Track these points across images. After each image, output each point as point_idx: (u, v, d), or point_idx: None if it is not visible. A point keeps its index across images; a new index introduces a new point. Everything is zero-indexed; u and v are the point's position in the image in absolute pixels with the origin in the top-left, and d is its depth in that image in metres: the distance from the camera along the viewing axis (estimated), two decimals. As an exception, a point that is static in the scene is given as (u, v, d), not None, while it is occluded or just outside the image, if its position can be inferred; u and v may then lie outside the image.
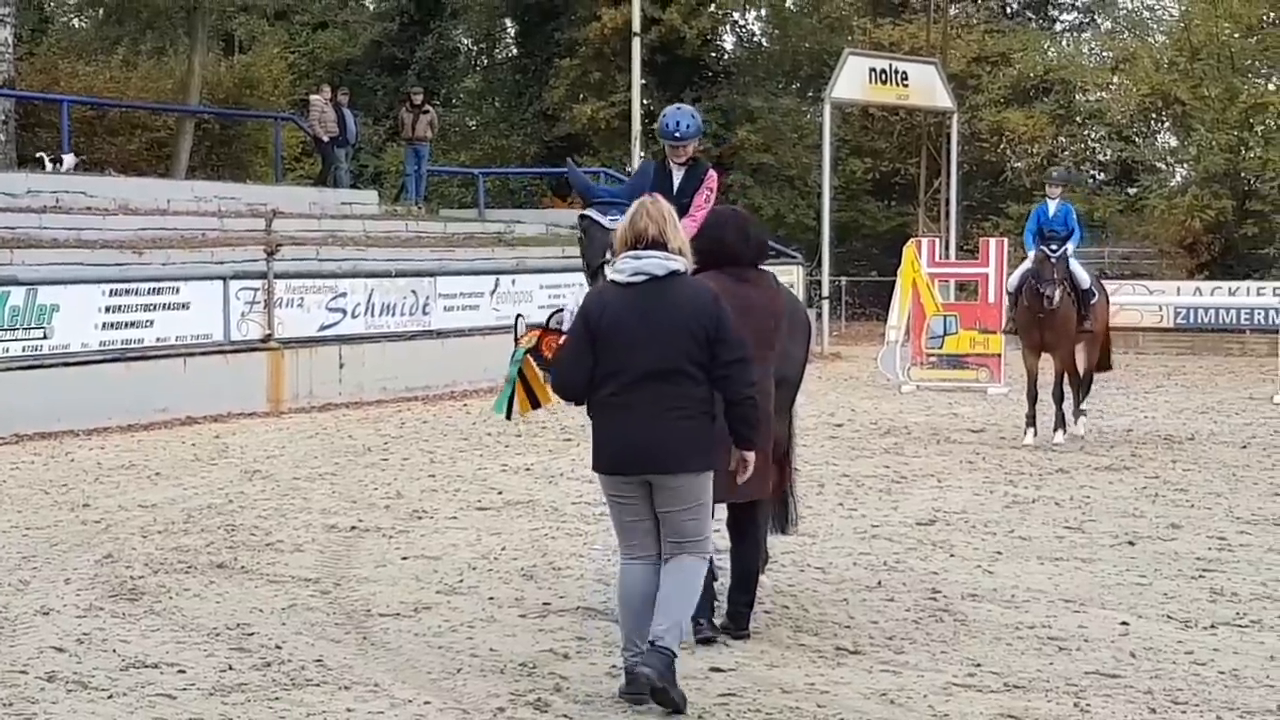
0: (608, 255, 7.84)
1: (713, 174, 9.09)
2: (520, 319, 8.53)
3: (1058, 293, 15.70)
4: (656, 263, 6.70)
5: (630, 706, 6.74)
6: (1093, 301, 16.33)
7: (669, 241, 6.74)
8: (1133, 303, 30.19)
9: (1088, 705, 6.81)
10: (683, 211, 8.86)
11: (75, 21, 44.37)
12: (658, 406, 6.61)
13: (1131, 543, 10.61)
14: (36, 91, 30.71)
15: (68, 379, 17.20)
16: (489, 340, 22.80)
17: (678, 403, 6.63)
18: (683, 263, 6.80)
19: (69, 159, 26.28)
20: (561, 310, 7.82)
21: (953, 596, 8.97)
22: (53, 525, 11.34)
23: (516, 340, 8.02)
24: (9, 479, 13.64)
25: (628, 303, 6.68)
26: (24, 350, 16.97)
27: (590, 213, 8.16)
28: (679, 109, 9.17)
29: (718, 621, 7.97)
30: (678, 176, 9.03)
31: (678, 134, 8.95)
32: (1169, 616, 8.50)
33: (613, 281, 6.81)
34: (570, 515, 11.79)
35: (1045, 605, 8.70)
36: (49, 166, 26.54)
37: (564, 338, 7.13)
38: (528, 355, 7.83)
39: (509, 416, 8.13)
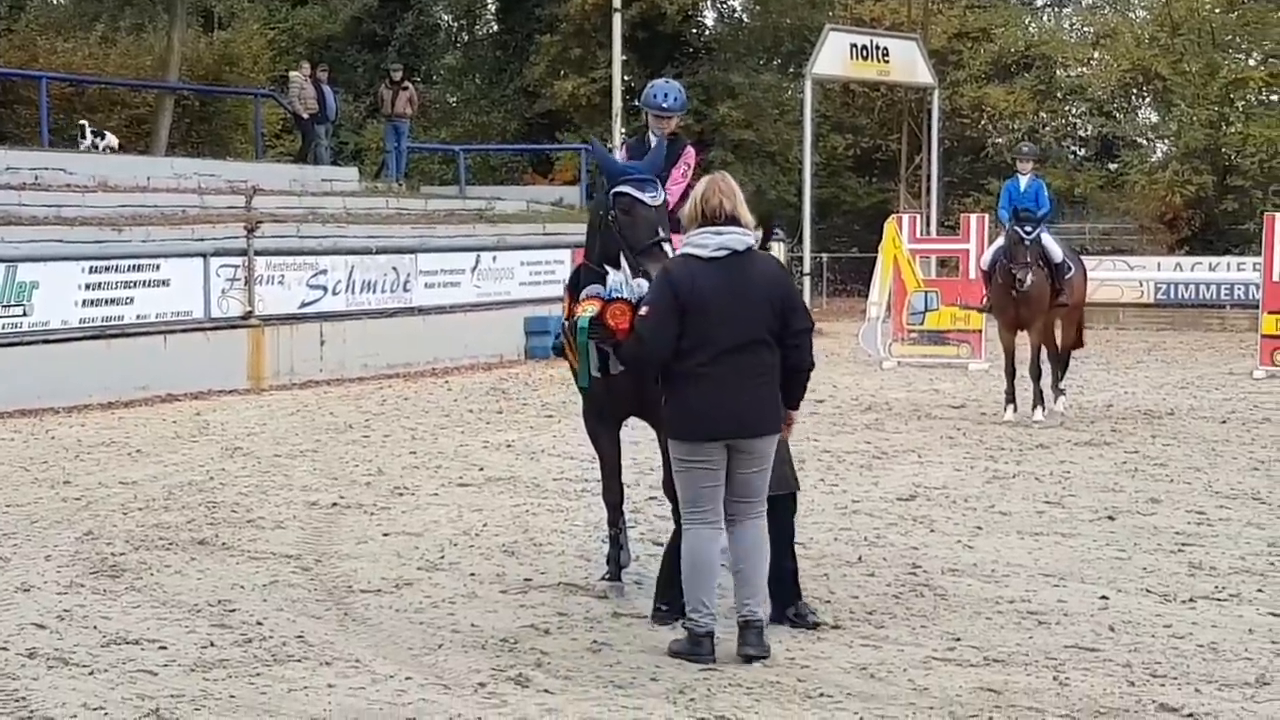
0: (660, 232, 7.79)
1: (691, 150, 9.07)
2: (570, 290, 8.39)
3: (1030, 276, 15.71)
4: (737, 238, 7.04)
5: (613, 683, 6.77)
6: (1068, 275, 16.34)
7: (741, 216, 7.09)
8: (1113, 278, 30.25)
9: (1067, 679, 6.84)
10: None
11: (53, -2, 44.11)
12: (744, 374, 6.97)
13: (1111, 517, 10.64)
14: (14, 68, 30.54)
15: (48, 356, 17.16)
16: (470, 317, 22.86)
17: (759, 370, 7.03)
18: (756, 236, 7.19)
19: (111, 138, 26.36)
20: (606, 284, 7.82)
21: (933, 571, 9.00)
22: (33, 502, 11.32)
23: (570, 309, 7.86)
24: (-11, 457, 13.62)
25: (714, 277, 6.97)
26: (3, 327, 16.93)
27: (629, 190, 7.86)
28: (666, 82, 9.17)
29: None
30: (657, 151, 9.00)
31: (665, 105, 8.93)
32: (1148, 590, 8.54)
33: (694, 256, 7.04)
34: (552, 491, 11.79)
35: (1025, 580, 8.74)
36: (88, 140, 26.55)
37: (643, 308, 7.14)
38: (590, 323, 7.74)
39: (586, 385, 8.03)
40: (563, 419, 16.11)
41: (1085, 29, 42.41)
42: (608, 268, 7.98)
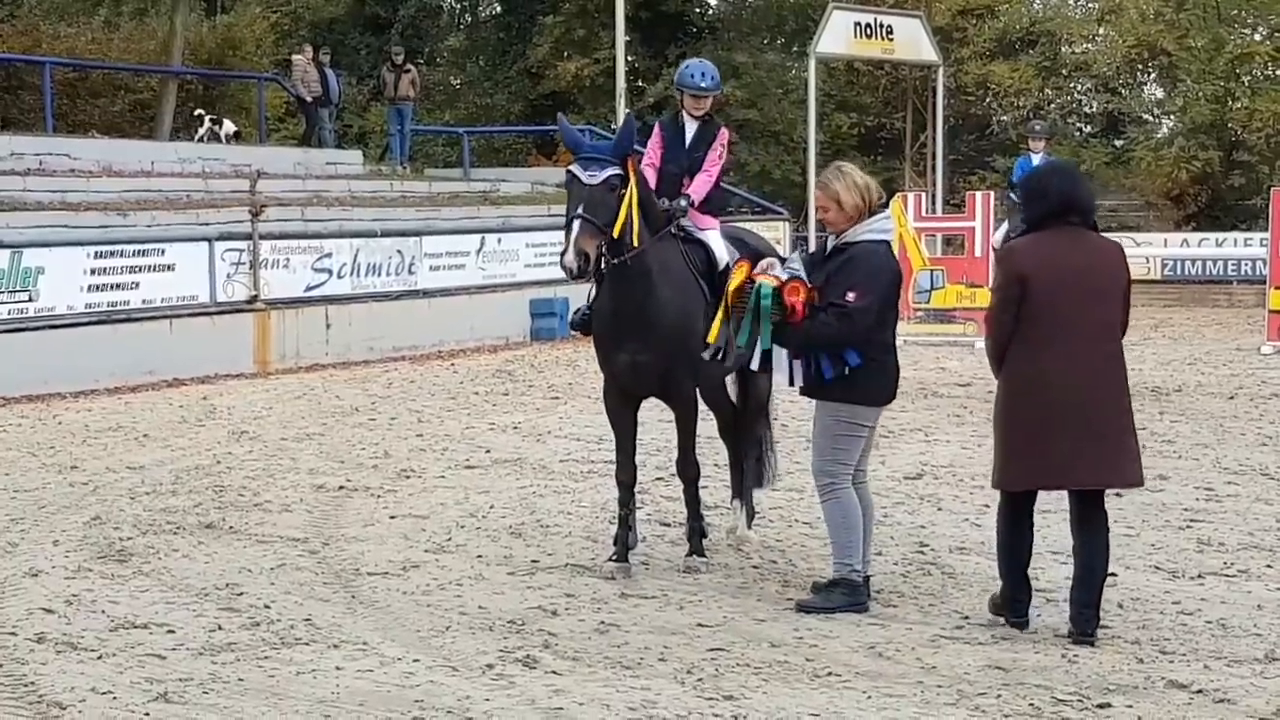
0: (579, 209, 7.90)
1: (724, 132, 9.11)
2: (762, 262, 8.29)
3: None
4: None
5: (620, 663, 6.76)
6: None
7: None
8: (1120, 255, 30.13)
9: (1075, 656, 6.84)
10: (694, 166, 8.87)
11: (56, -17, 44.04)
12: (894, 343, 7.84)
13: (1118, 494, 10.60)
14: (18, 54, 30.50)
15: (54, 341, 17.15)
16: (475, 300, 22.84)
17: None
18: None
19: (229, 125, 26.47)
20: (788, 261, 7.94)
21: (940, 550, 9.00)
22: (41, 487, 11.33)
23: (746, 276, 7.77)
24: (-4, 442, 13.63)
25: (893, 259, 7.81)
26: (9, 313, 16.92)
27: (573, 168, 8.15)
28: (701, 62, 9.24)
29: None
30: (690, 130, 9.02)
31: (702, 84, 8.99)
32: (1156, 567, 8.54)
33: (883, 241, 7.70)
34: (558, 473, 11.79)
35: (1033, 558, 8.70)
36: (205, 126, 26.65)
37: (852, 293, 7.41)
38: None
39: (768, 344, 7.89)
40: (569, 401, 16.10)
41: (1090, 5, 42.20)
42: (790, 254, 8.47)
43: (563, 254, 8.03)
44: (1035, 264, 7.01)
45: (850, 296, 7.43)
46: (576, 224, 7.95)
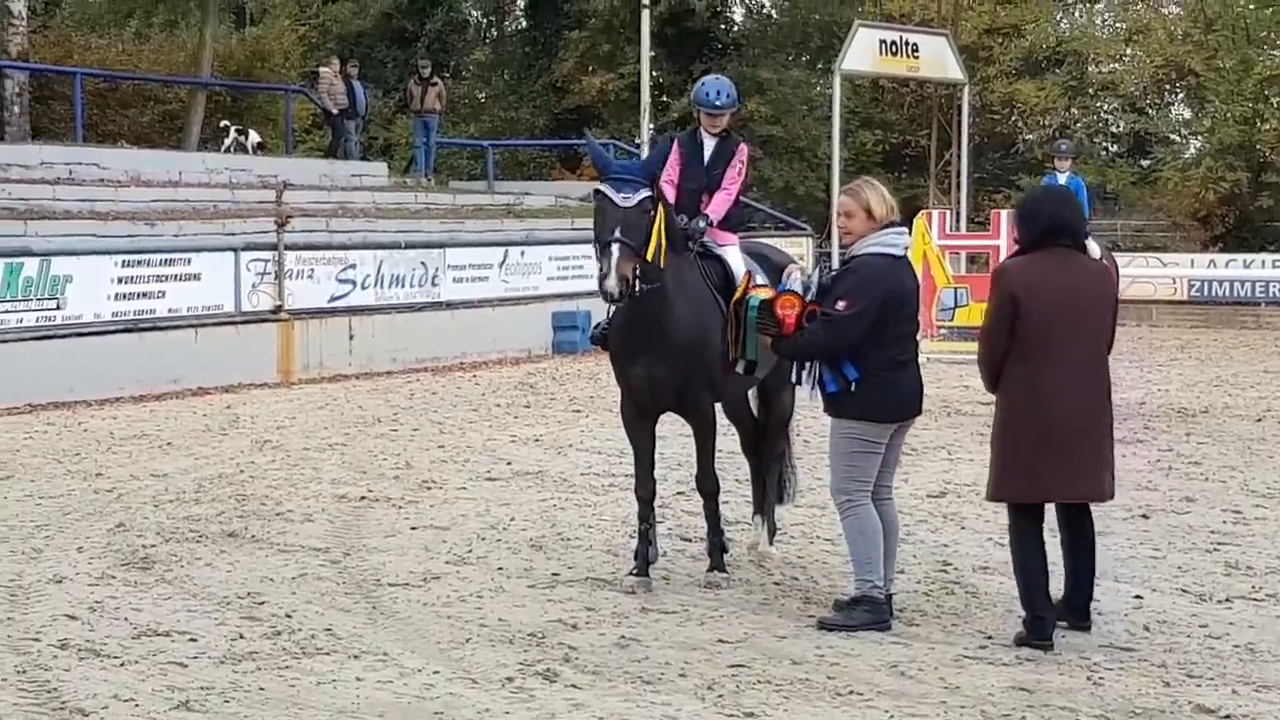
0: (615, 233, 7.83)
1: (744, 148, 9.08)
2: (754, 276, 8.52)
3: None
4: (909, 239, 7.93)
5: (640, 678, 6.74)
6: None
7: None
8: (1146, 275, 30.09)
9: (1101, 679, 6.79)
10: (713, 184, 8.85)
11: (87, -6, 44.27)
12: (916, 361, 7.79)
13: (1145, 516, 10.57)
14: (50, 64, 30.65)
15: (81, 349, 17.21)
16: (498, 312, 22.86)
17: (916, 354, 7.87)
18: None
19: (254, 136, 26.61)
20: (795, 275, 8.02)
21: (964, 569, 8.96)
22: (65, 494, 11.35)
23: (745, 289, 8.02)
24: (23, 448, 13.66)
25: (907, 273, 7.79)
26: (37, 321, 16.99)
27: (604, 188, 8.04)
28: (717, 79, 9.22)
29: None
30: (709, 148, 9.00)
31: (717, 103, 8.96)
32: (1183, 590, 8.48)
33: (889, 255, 7.62)
34: (579, 486, 11.77)
35: (1058, 578, 8.63)
36: (231, 138, 26.81)
37: (842, 302, 7.49)
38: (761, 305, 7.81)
39: (755, 359, 8.15)
40: (590, 414, 16.09)
41: (1118, 24, 42.18)
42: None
43: (604, 278, 7.85)
44: (1027, 284, 7.26)
45: (840, 305, 7.51)
46: (616, 248, 7.84)
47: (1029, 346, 7.22)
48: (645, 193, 8.01)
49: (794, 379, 7.97)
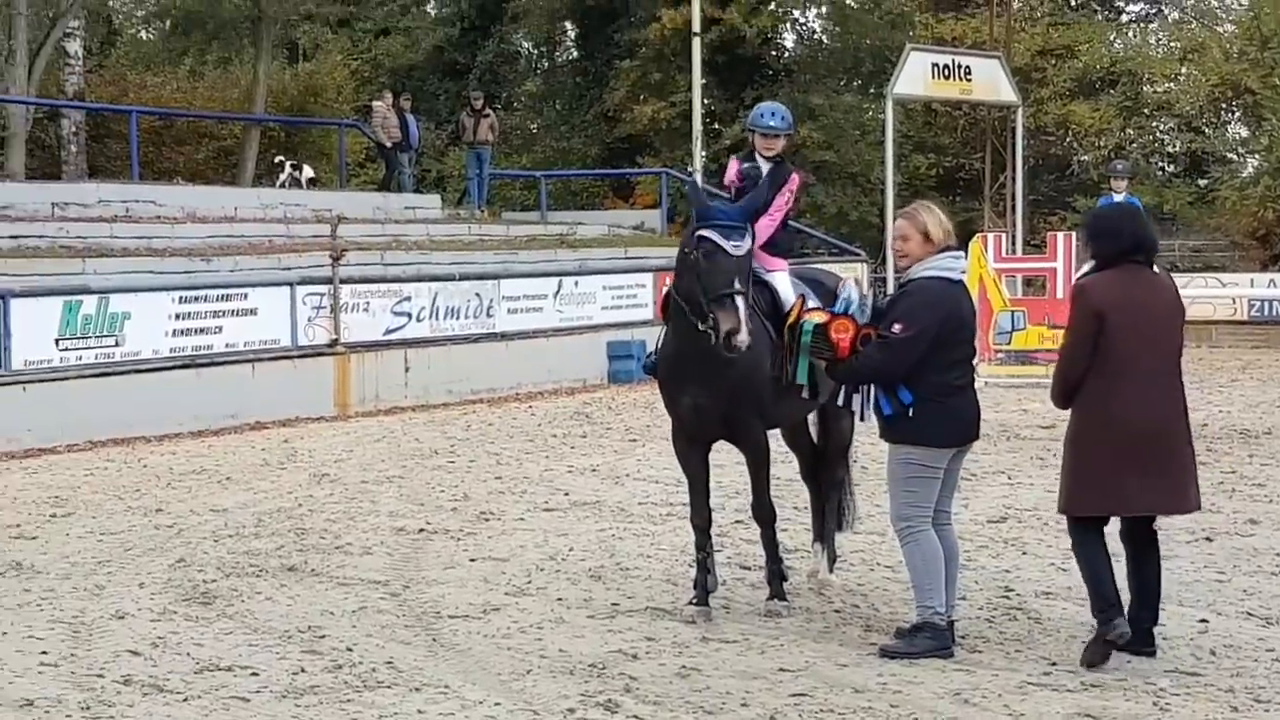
0: (736, 284, 7.77)
1: (795, 177, 9.06)
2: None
3: None
4: (966, 263, 7.94)
5: (702, 708, 6.71)
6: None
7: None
8: (1205, 296, 29.77)
9: (1167, 704, 6.71)
10: (764, 208, 8.82)
11: (143, 33, 44.90)
12: (972, 385, 7.77)
13: (1209, 539, 10.45)
14: (106, 103, 31.03)
15: (139, 386, 17.34)
16: (553, 342, 22.89)
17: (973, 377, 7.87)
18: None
19: (308, 170, 26.92)
20: (849, 300, 7.88)
21: (1026, 595, 8.88)
22: (126, 530, 11.43)
23: (799, 314, 7.94)
24: (83, 485, 13.77)
25: (965, 297, 7.77)
26: (97, 358, 17.14)
27: (713, 236, 7.88)
28: (773, 103, 9.23)
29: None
30: (763, 171, 8.98)
31: (772, 123, 8.97)
32: (1249, 613, 8.37)
33: (943, 278, 7.58)
34: (637, 516, 11.75)
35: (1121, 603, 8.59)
36: (286, 173, 27.14)
37: (898, 325, 7.47)
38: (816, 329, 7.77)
39: (806, 383, 8.09)
40: (647, 443, 16.07)
41: (1172, 44, 41.91)
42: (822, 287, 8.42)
43: (733, 333, 7.66)
44: (1110, 301, 7.29)
45: (895, 329, 7.49)
46: (741, 302, 7.75)
47: (1110, 361, 7.26)
48: (750, 239, 8.00)
49: (841, 403, 7.94)
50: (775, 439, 8.90)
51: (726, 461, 9.14)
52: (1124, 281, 7.37)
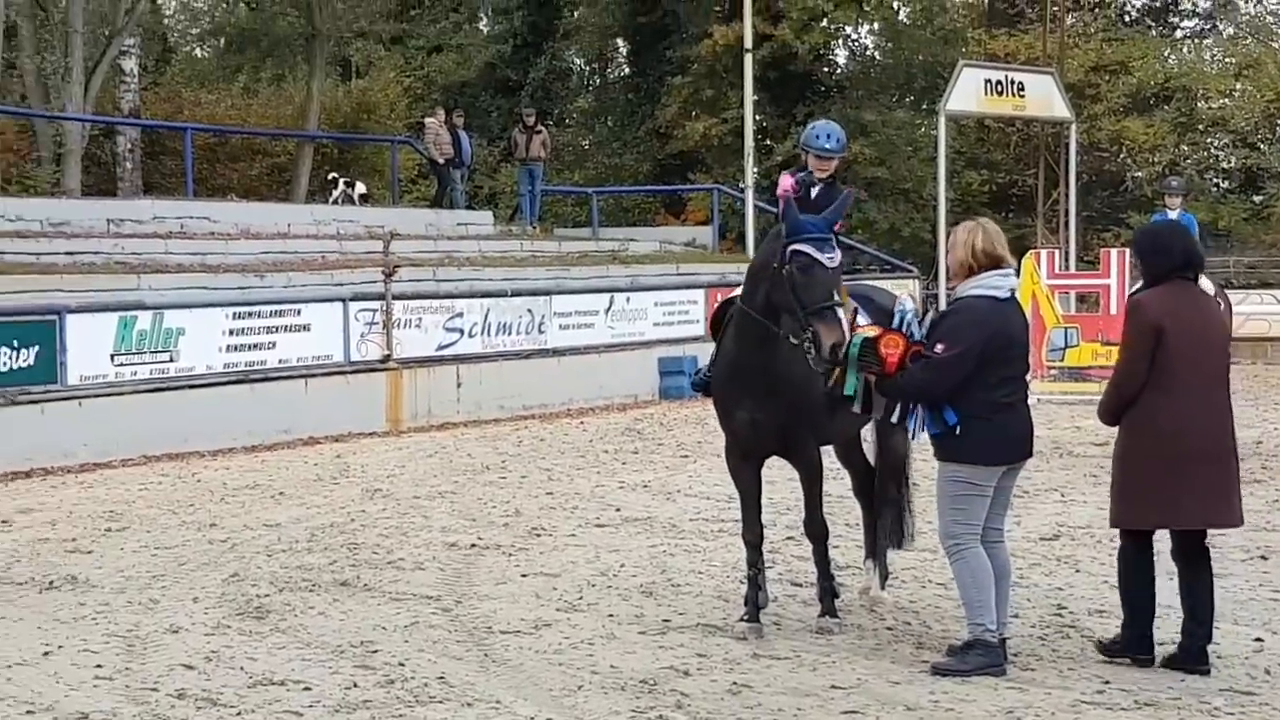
0: (834, 295, 7.79)
1: (849, 195, 9.04)
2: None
3: None
4: (1015, 279, 7.85)
5: (753, 724, 6.70)
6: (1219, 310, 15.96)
7: (1007, 258, 7.70)
8: (1260, 312, 29.54)
9: (1222, 723, 6.66)
10: None
11: (198, 51, 45.31)
12: (1025, 402, 7.77)
13: (1264, 557, 10.37)
14: (161, 120, 31.31)
15: (193, 401, 17.47)
16: (604, 358, 22.93)
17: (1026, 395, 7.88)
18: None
19: (360, 187, 27.17)
20: (905, 312, 7.89)
21: (1079, 612, 8.83)
22: (181, 545, 11.51)
23: (853, 328, 7.93)
24: (138, 499, 13.88)
25: (1015, 315, 7.73)
26: (151, 373, 17.27)
27: (808, 250, 7.84)
28: (828, 124, 9.22)
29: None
30: (815, 192, 8.98)
31: (828, 145, 8.97)
32: (1305, 632, 8.30)
33: (989, 297, 7.55)
34: (689, 532, 11.75)
35: (1175, 621, 8.47)
36: (339, 189, 27.41)
37: (941, 344, 7.49)
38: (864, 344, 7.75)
39: (855, 400, 8.02)
40: (698, 459, 16.07)
41: (1227, 60, 41.62)
42: (902, 299, 8.24)
43: (837, 346, 7.66)
44: (1166, 316, 7.37)
45: (939, 348, 7.50)
46: (841, 313, 7.80)
47: (1164, 376, 7.34)
48: (839, 251, 8.01)
49: (894, 419, 7.95)
50: (827, 455, 8.89)
51: (778, 478, 9.13)
52: (1176, 297, 7.46)
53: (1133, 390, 7.43)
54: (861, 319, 8.34)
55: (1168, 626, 7.73)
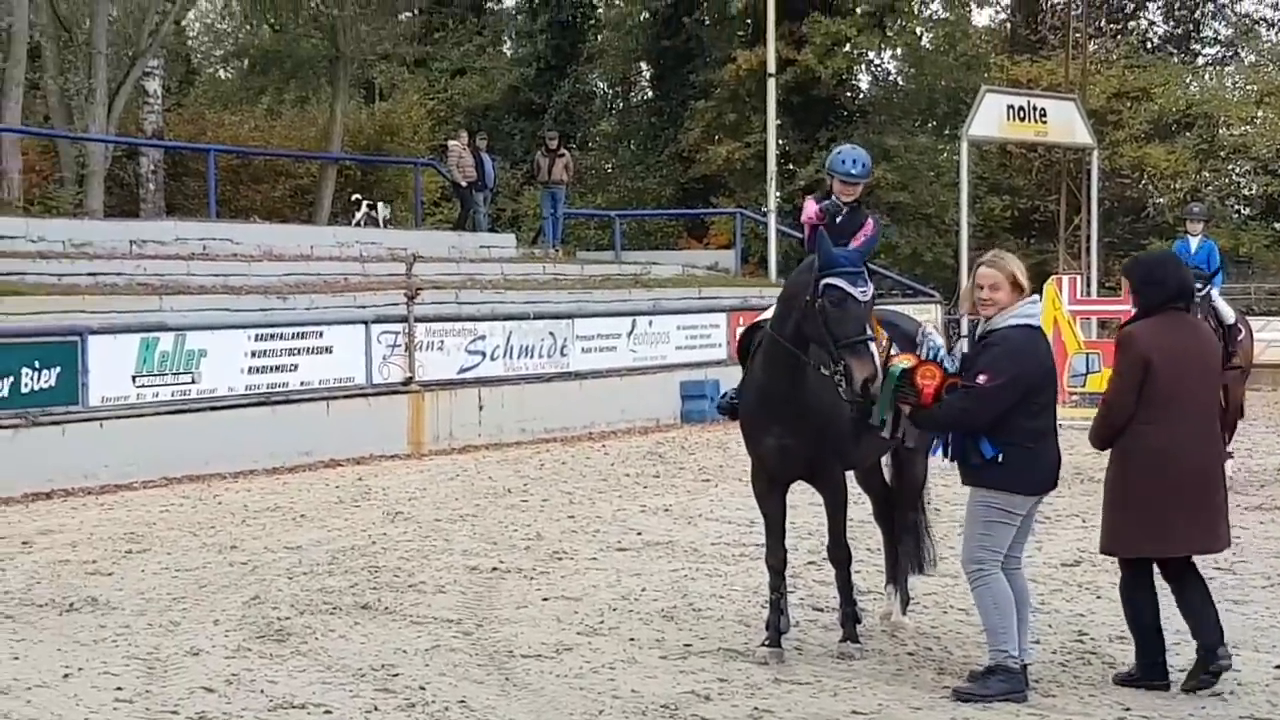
0: (867, 330, 7.82)
1: (871, 222, 9.05)
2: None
3: None
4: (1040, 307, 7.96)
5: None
6: (1239, 337, 15.93)
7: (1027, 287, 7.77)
8: (1281, 339, 29.41)
9: (1245, 752, 6.63)
10: None
11: (221, 73, 45.46)
12: (1056, 431, 7.80)
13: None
14: (184, 141, 31.43)
15: (215, 423, 17.51)
16: (626, 381, 22.92)
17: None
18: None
19: (384, 209, 27.24)
20: (936, 346, 7.92)
21: (1100, 639, 8.80)
22: (201, 567, 11.53)
23: (889, 357, 7.94)
24: (159, 521, 13.91)
25: (1044, 343, 7.77)
26: (173, 395, 17.32)
27: (841, 284, 7.86)
28: (854, 149, 9.22)
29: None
30: (840, 218, 8.98)
31: (853, 171, 8.98)
32: (1329, 660, 8.26)
33: (1026, 325, 7.63)
34: (710, 556, 11.74)
35: (1191, 649, 8.48)
36: (362, 211, 27.49)
37: (983, 375, 7.48)
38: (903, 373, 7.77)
39: (885, 426, 8.04)
40: (720, 483, 16.06)
41: (1248, 87, 41.59)
42: (929, 329, 8.33)
43: (870, 381, 7.69)
44: (1156, 348, 7.48)
45: (981, 379, 7.51)
46: (873, 347, 7.84)
47: (1155, 407, 7.45)
48: (871, 285, 8.03)
49: (932, 451, 7.96)
50: (849, 480, 8.88)
51: (800, 502, 9.13)
52: (1169, 328, 7.57)
53: (1121, 420, 7.55)
54: (895, 349, 8.32)
55: (1186, 653, 7.70)
